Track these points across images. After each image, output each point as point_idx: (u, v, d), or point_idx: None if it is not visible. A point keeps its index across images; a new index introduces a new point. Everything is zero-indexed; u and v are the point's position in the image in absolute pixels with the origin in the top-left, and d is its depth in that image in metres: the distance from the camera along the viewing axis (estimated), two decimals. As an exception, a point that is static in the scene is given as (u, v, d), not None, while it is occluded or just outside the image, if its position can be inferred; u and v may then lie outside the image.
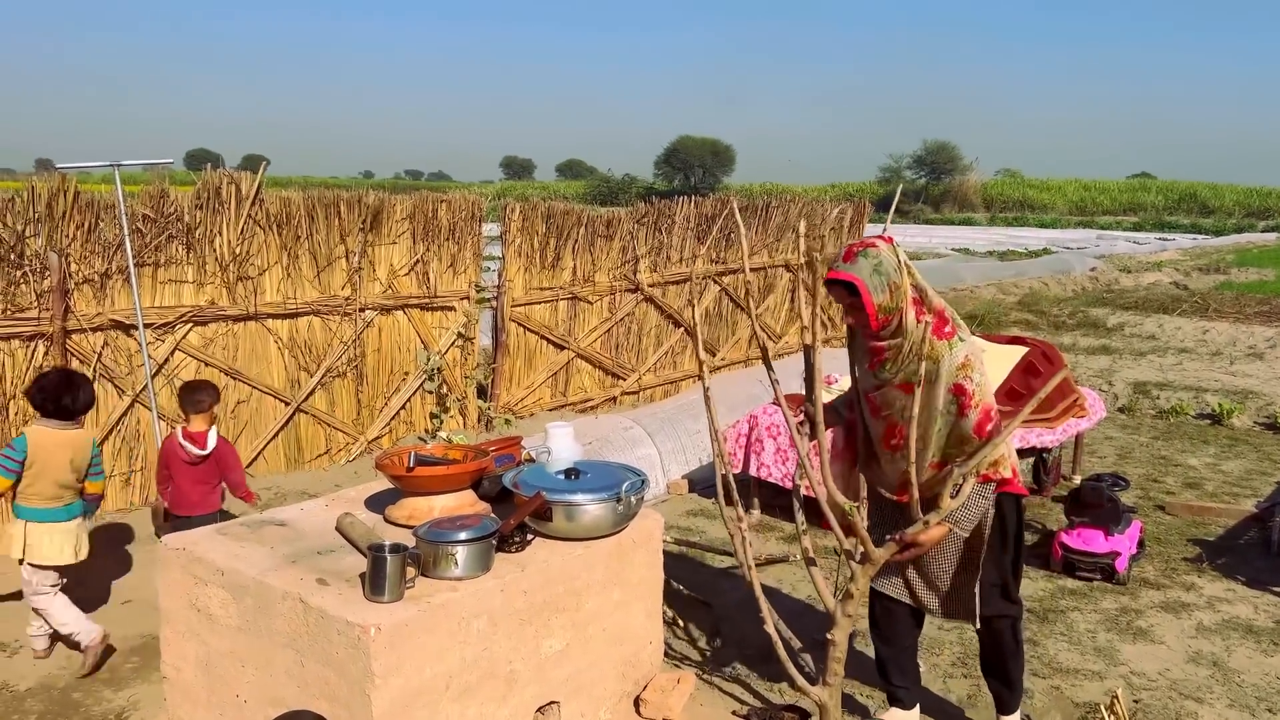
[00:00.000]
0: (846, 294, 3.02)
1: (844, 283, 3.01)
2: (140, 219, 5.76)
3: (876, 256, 3.00)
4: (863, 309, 3.01)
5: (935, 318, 3.03)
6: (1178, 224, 50.30)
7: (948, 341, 3.01)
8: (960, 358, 2.99)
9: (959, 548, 3.24)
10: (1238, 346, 12.32)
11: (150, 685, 3.81)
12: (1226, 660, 4.20)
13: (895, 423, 3.15)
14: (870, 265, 2.99)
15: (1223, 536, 5.77)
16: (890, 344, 3.06)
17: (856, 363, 3.29)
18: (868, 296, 2.98)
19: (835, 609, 3.14)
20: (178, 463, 4.50)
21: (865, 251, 3.00)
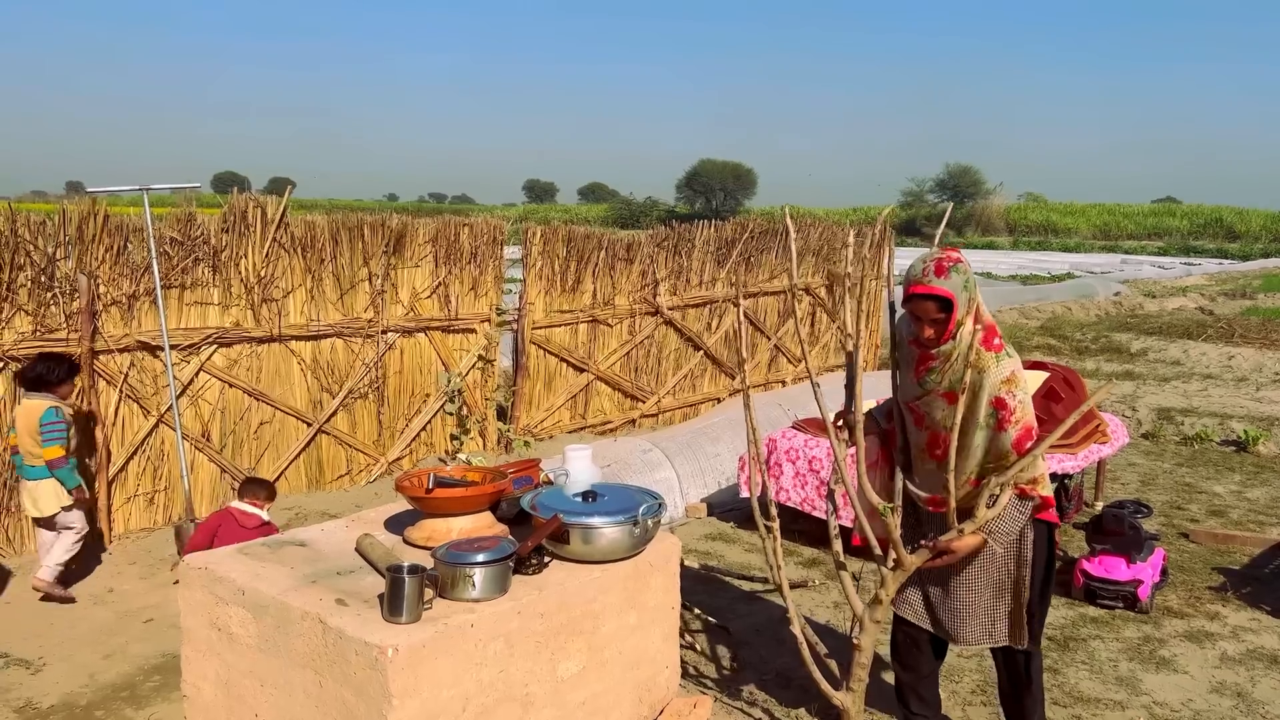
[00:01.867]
0: (937, 309, 3.02)
1: (937, 298, 3.01)
2: (168, 242, 5.86)
3: (965, 272, 3.03)
4: (946, 323, 3.02)
5: (985, 330, 3.05)
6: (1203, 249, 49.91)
7: (995, 354, 3.01)
8: (1006, 372, 2.99)
9: (989, 572, 3.21)
10: (1264, 373, 12.19)
11: (171, 704, 3.84)
12: (1251, 691, 4.14)
13: (938, 433, 3.14)
14: (961, 281, 3.00)
15: (1248, 565, 5.70)
16: (940, 351, 3.07)
17: (901, 372, 3.29)
18: (956, 312, 2.99)
19: (863, 614, 3.14)
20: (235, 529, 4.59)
21: (956, 266, 3.01)
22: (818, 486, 5.72)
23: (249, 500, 4.89)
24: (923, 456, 3.26)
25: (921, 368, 3.14)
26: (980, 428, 3.03)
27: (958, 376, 3.02)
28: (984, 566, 3.20)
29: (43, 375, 4.95)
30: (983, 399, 2.99)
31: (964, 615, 3.28)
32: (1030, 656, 3.30)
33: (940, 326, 3.04)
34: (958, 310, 2.99)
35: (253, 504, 4.88)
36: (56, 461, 4.88)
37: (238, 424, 6.29)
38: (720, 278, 9.27)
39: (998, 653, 3.38)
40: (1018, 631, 3.23)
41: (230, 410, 6.26)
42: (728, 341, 9.51)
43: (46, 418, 4.86)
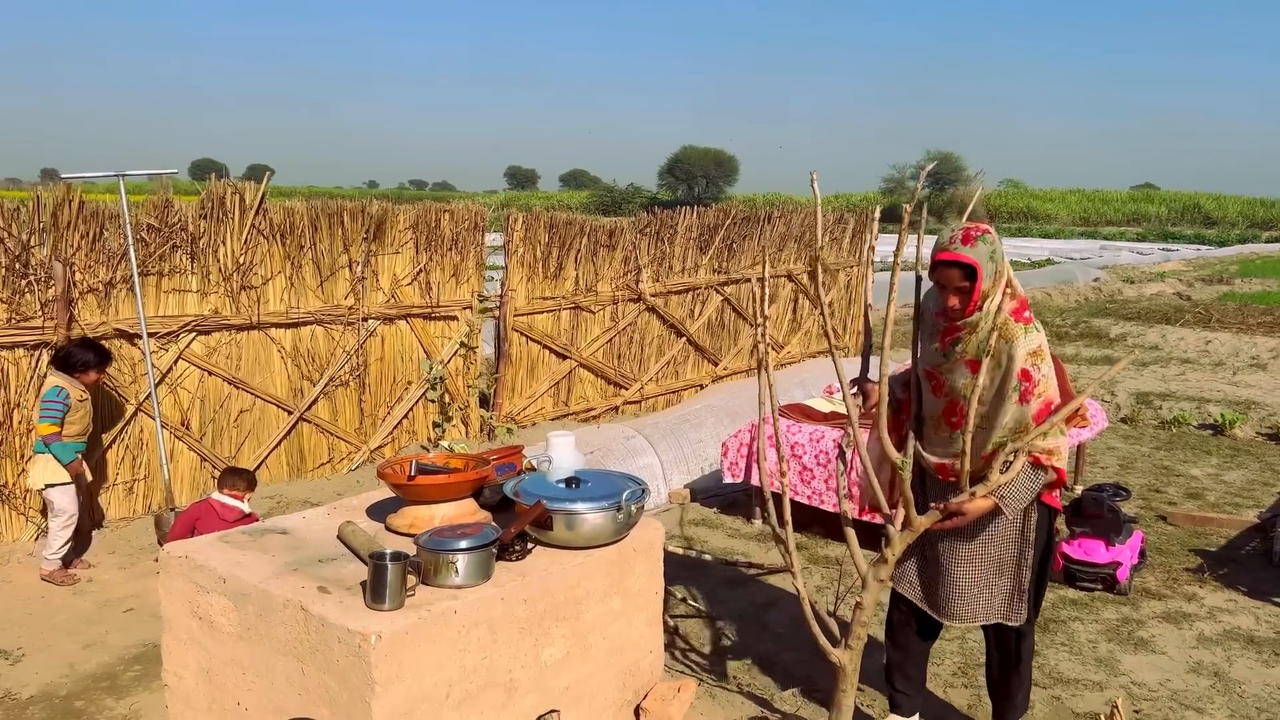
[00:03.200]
0: (961, 276, 3.03)
1: (961, 265, 3.03)
2: (145, 229, 5.79)
3: (992, 243, 3.05)
4: (970, 292, 3.03)
5: (1016, 303, 3.08)
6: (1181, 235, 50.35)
7: (1024, 325, 3.03)
8: (1033, 344, 3.01)
9: (992, 548, 3.23)
10: (1240, 357, 12.32)
11: (152, 693, 3.82)
12: (1228, 671, 4.20)
13: (957, 401, 3.14)
14: (988, 250, 3.03)
15: (1224, 547, 5.76)
16: (967, 322, 3.08)
17: (923, 341, 3.29)
18: (981, 281, 3.01)
19: (868, 573, 3.16)
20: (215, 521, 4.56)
21: (984, 236, 3.04)
22: (800, 472, 5.74)
23: (229, 492, 4.86)
24: (938, 424, 3.25)
25: (948, 338, 3.16)
26: (1004, 399, 3.04)
27: (984, 346, 3.03)
28: (987, 543, 3.23)
29: (68, 356, 5.12)
30: (1010, 369, 3.01)
31: (961, 591, 3.29)
32: (1022, 637, 3.32)
33: (965, 296, 3.05)
34: (982, 279, 3.01)
35: (232, 495, 4.85)
36: (49, 437, 4.98)
37: (217, 412, 6.25)
38: (703, 264, 9.27)
39: (990, 632, 3.40)
40: (1014, 608, 3.26)
41: (210, 398, 6.21)
42: (710, 328, 9.51)
43: (48, 395, 5.01)
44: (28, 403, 5.37)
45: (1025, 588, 3.23)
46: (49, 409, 4.98)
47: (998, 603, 3.26)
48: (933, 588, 3.38)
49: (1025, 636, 3.33)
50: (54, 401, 4.98)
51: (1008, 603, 3.26)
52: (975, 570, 3.26)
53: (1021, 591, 3.24)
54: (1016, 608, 3.25)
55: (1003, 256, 3.08)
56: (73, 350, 5.14)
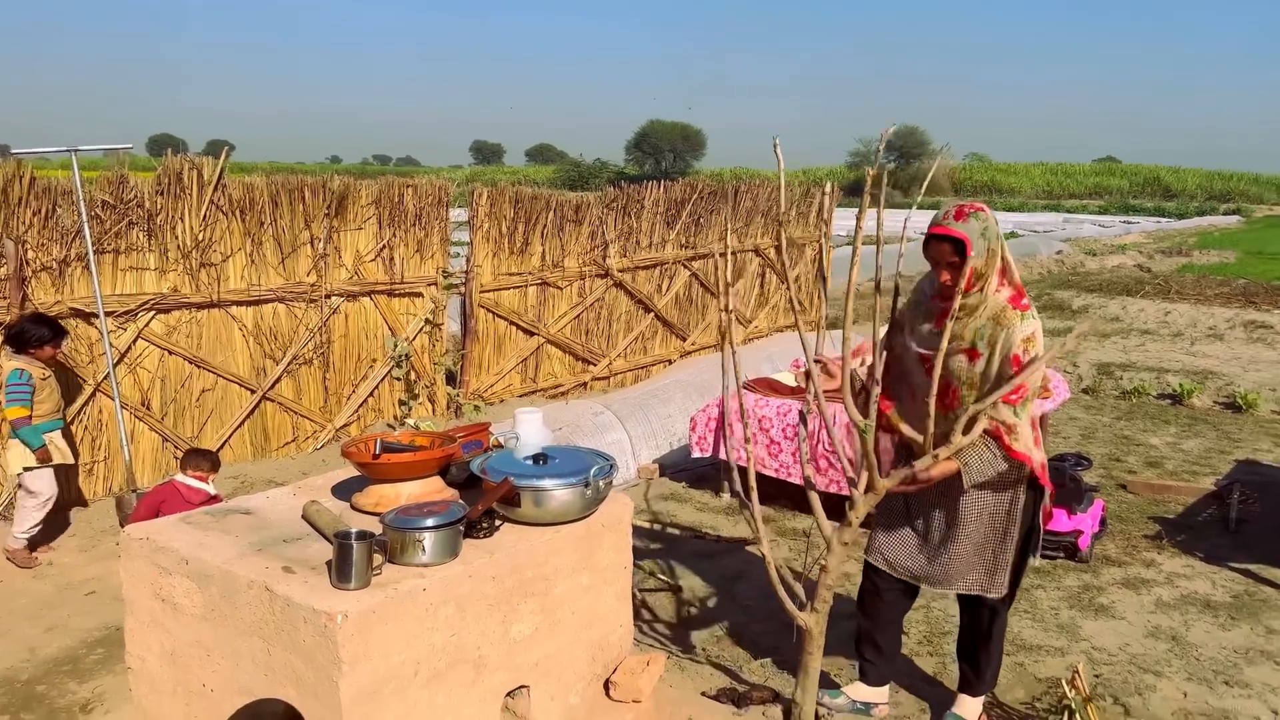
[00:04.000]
0: (951, 251, 3.05)
1: (952, 240, 3.05)
2: (99, 205, 5.67)
3: (985, 220, 3.07)
4: (960, 267, 3.04)
5: (1014, 290, 3.10)
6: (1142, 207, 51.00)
7: (1020, 312, 3.06)
8: (1027, 331, 3.04)
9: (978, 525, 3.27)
10: (1198, 328, 12.52)
11: (116, 676, 3.77)
12: (1185, 634, 4.29)
13: (950, 383, 3.16)
14: (980, 227, 3.04)
15: (1182, 514, 5.88)
16: (964, 304, 3.10)
17: (917, 321, 3.28)
18: (971, 256, 3.02)
19: (832, 537, 3.19)
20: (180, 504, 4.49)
21: (977, 214, 3.06)
22: (767, 445, 5.77)
23: (192, 473, 4.79)
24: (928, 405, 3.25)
25: (944, 319, 3.15)
26: (1000, 383, 3.06)
27: (983, 332, 3.06)
28: (976, 515, 3.26)
29: (22, 334, 4.98)
30: (1004, 353, 3.04)
31: (944, 560, 3.33)
32: (995, 615, 3.35)
33: (955, 271, 3.06)
34: (971, 254, 3.02)
35: (196, 477, 4.78)
36: (18, 422, 4.90)
37: (179, 392, 6.15)
38: (670, 239, 9.24)
39: (964, 606, 3.45)
40: (994, 581, 3.29)
41: (171, 378, 6.11)
42: (678, 303, 9.50)
43: (10, 379, 4.90)
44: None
45: (1006, 564, 3.27)
46: (15, 393, 4.87)
47: (979, 574, 3.30)
48: (914, 553, 3.41)
49: (998, 614, 3.37)
50: (17, 385, 4.88)
51: (988, 575, 3.29)
52: (959, 540, 3.29)
53: (1003, 566, 3.28)
54: (997, 581, 3.29)
55: (997, 238, 3.09)
56: (26, 327, 5.01)
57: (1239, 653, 4.12)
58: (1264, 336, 11.81)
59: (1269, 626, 4.37)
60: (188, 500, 4.58)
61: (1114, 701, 3.70)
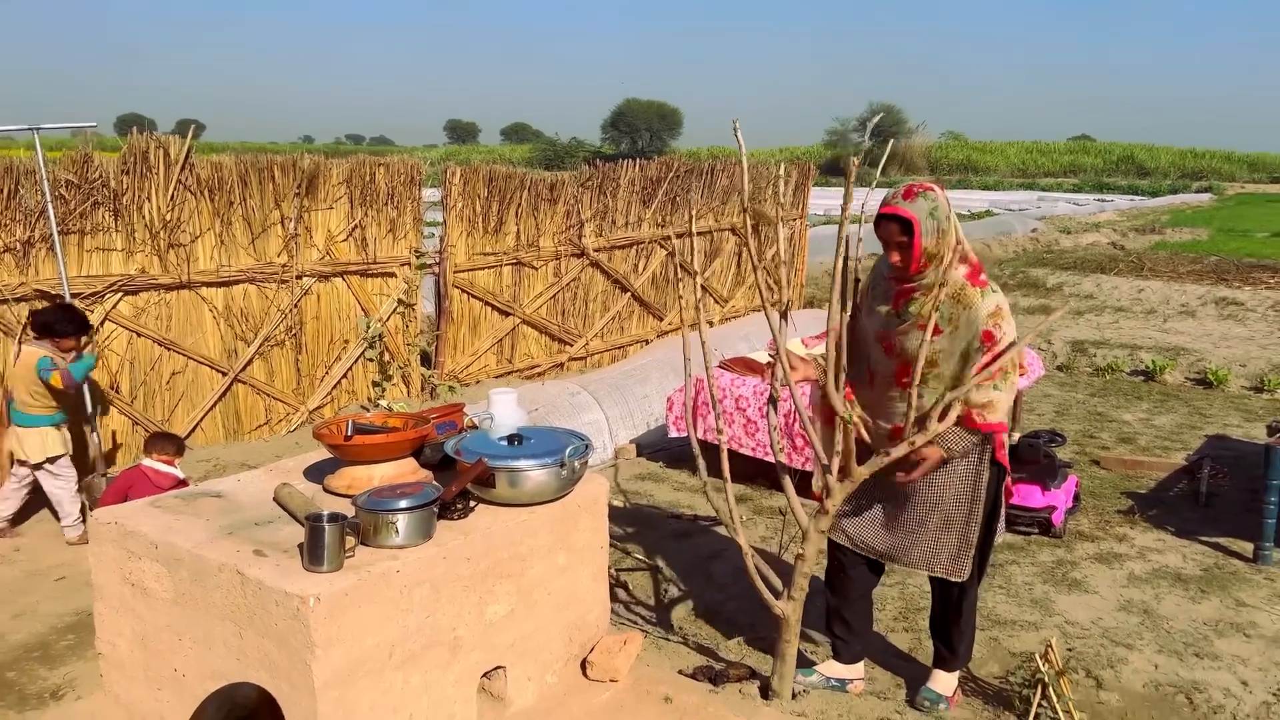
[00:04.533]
0: (899, 231, 3.05)
1: (899, 219, 3.04)
2: (63, 185, 5.56)
3: (934, 200, 3.06)
4: (910, 248, 3.04)
5: (970, 268, 3.10)
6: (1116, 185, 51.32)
7: (981, 289, 3.07)
8: (992, 305, 3.05)
9: (941, 504, 3.28)
10: (1171, 305, 12.64)
11: (86, 662, 3.73)
12: (1156, 608, 4.34)
13: (908, 362, 3.16)
14: (928, 207, 3.04)
15: (1154, 489, 5.94)
16: (921, 285, 3.10)
17: (874, 303, 3.28)
18: (919, 237, 3.02)
19: (809, 525, 3.20)
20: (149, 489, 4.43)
21: (925, 194, 3.07)
22: (745, 424, 5.77)
23: (159, 457, 4.74)
24: (889, 384, 3.26)
25: (901, 300, 3.17)
26: (968, 361, 3.08)
27: (944, 313, 3.06)
28: (939, 497, 3.27)
29: (50, 324, 4.95)
30: (972, 332, 3.05)
31: (909, 539, 3.35)
32: (964, 592, 3.37)
33: (904, 251, 3.06)
34: (920, 235, 3.02)
35: (163, 460, 4.73)
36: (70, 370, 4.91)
37: (149, 374, 6.07)
38: (646, 218, 9.20)
39: (934, 584, 3.47)
40: (958, 564, 3.31)
41: (140, 360, 6.03)
42: (655, 283, 9.47)
43: (42, 364, 4.85)
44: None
45: (971, 545, 3.28)
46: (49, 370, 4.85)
47: (943, 557, 3.32)
48: (878, 531, 3.42)
49: (967, 591, 3.38)
50: (49, 369, 4.85)
51: (953, 559, 3.31)
52: (924, 521, 3.31)
53: (967, 548, 3.29)
54: (961, 563, 3.30)
55: (948, 217, 3.08)
56: (54, 320, 4.98)
57: (1209, 625, 4.18)
58: (1235, 313, 11.94)
59: (1238, 599, 4.43)
60: (157, 484, 4.53)
61: (1086, 674, 3.74)
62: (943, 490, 3.27)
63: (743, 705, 3.34)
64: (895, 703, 3.53)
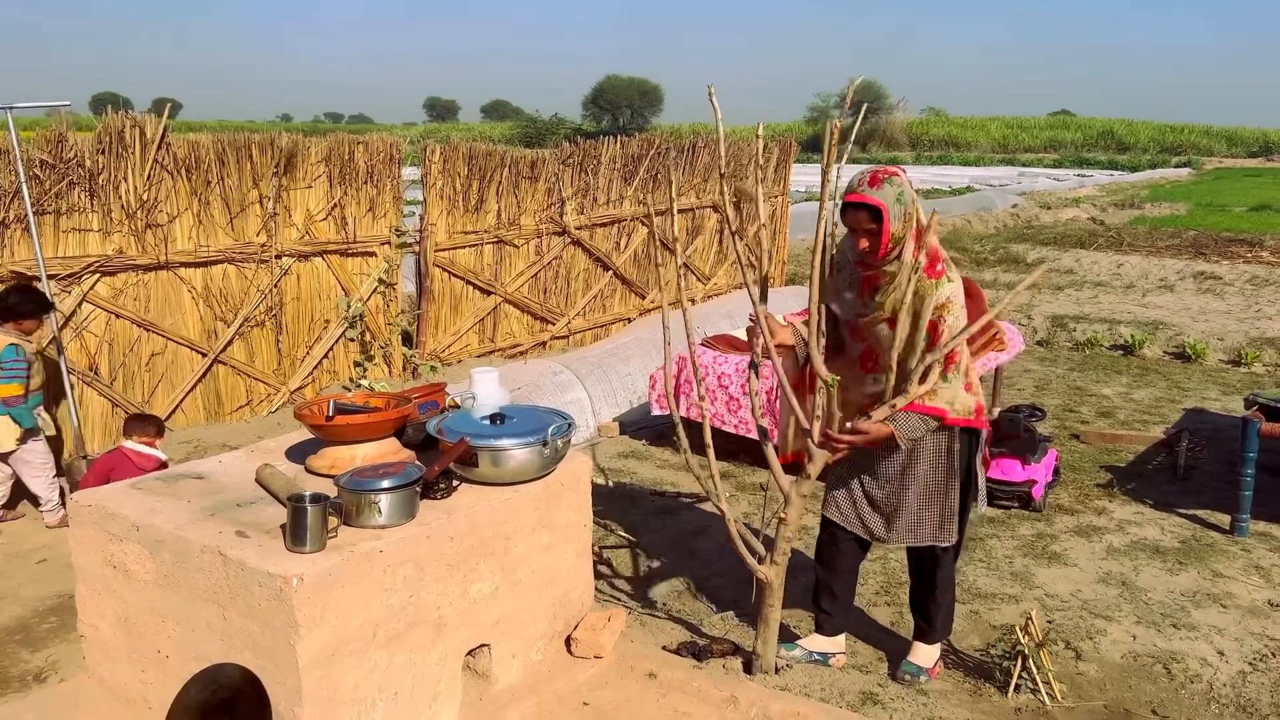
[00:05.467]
0: (868, 219, 3.07)
1: (868, 207, 3.06)
2: (38, 165, 5.48)
3: (900, 185, 3.09)
4: (879, 235, 3.07)
5: (928, 258, 3.09)
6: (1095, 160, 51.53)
7: (935, 280, 3.08)
8: (942, 298, 3.07)
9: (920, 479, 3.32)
10: (1149, 279, 12.73)
11: (69, 644, 3.72)
12: (1134, 580, 4.39)
13: (873, 348, 3.23)
14: (895, 193, 3.06)
15: (1133, 462, 6.00)
16: (885, 272, 3.13)
17: (841, 290, 3.31)
18: (888, 224, 3.04)
19: (790, 490, 3.23)
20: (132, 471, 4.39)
21: (891, 179, 3.08)
22: (727, 402, 5.78)
23: (140, 439, 4.70)
24: (854, 367, 3.34)
25: (868, 288, 3.20)
26: (914, 347, 3.10)
27: (899, 301, 3.08)
28: (917, 469, 3.32)
29: (11, 308, 4.80)
30: (920, 322, 3.07)
31: (894, 514, 3.39)
32: (939, 564, 3.42)
33: (873, 238, 3.09)
34: (889, 221, 3.04)
35: (144, 442, 4.70)
36: (12, 400, 4.75)
37: (128, 356, 6.02)
38: (628, 196, 9.16)
39: (910, 558, 3.52)
40: (943, 531, 3.36)
41: (119, 342, 5.97)
42: (637, 261, 9.45)
43: (6, 355, 4.71)
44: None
45: (954, 511, 3.34)
46: (12, 369, 4.71)
47: (930, 526, 3.36)
48: (866, 511, 3.46)
49: (941, 563, 3.43)
50: (14, 362, 4.71)
51: (938, 525, 3.36)
52: (908, 495, 3.35)
53: (951, 515, 3.35)
54: (947, 530, 3.36)
55: (913, 201, 3.11)
56: (10, 301, 4.82)
57: (1186, 596, 4.23)
58: (1213, 287, 12.04)
59: (1215, 570, 4.49)
60: (139, 467, 4.50)
61: (1066, 646, 3.78)
62: (918, 463, 3.32)
63: (726, 680, 3.37)
64: (877, 676, 3.57)
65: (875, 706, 3.34)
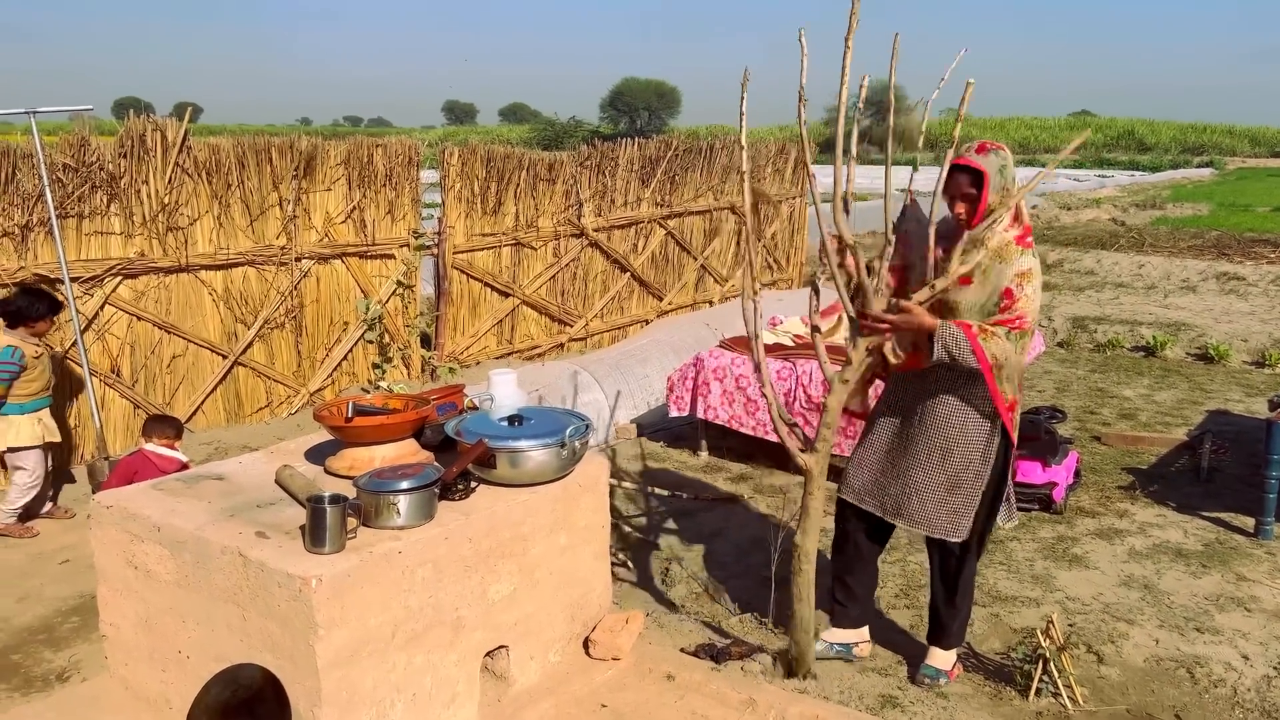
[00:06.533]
0: (969, 183, 3.14)
1: (971, 171, 3.12)
2: (60, 168, 5.54)
3: (1005, 159, 3.18)
4: (978, 200, 3.13)
5: (1022, 230, 3.17)
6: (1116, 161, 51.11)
7: (1020, 248, 3.14)
8: (1023, 266, 3.11)
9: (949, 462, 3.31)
10: (1171, 280, 12.61)
11: (91, 644, 3.75)
12: (1157, 583, 4.35)
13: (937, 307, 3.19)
14: (999, 164, 3.14)
15: (1155, 465, 5.95)
16: (974, 238, 3.15)
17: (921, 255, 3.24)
18: (987, 191, 3.11)
19: (832, 377, 3.22)
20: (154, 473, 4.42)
21: (997, 151, 3.17)
22: (745, 404, 5.77)
23: (161, 441, 4.72)
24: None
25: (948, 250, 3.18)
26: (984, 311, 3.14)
27: (983, 265, 3.12)
28: (948, 454, 3.30)
29: (19, 310, 4.83)
30: (996, 285, 3.11)
31: (914, 494, 3.37)
32: (961, 566, 3.41)
33: (971, 204, 3.15)
34: (989, 190, 3.10)
35: (165, 444, 4.71)
36: None
37: (149, 358, 6.07)
38: (645, 197, 9.16)
39: (933, 558, 3.49)
40: (958, 525, 3.33)
41: (140, 344, 6.02)
42: (654, 263, 9.45)
43: (3, 355, 4.74)
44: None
45: (973, 507, 3.31)
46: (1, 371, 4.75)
47: (945, 517, 3.33)
48: (885, 485, 3.45)
49: (964, 564, 3.41)
50: (7, 363, 4.74)
51: (952, 518, 3.32)
52: (932, 478, 3.33)
53: (969, 509, 3.31)
54: (960, 524, 3.32)
55: (1013, 179, 3.17)
56: (21, 302, 4.85)
57: (1210, 599, 4.19)
58: (1236, 288, 11.92)
59: (1239, 573, 4.44)
60: (161, 469, 4.53)
61: (1087, 650, 3.75)
62: (953, 445, 3.29)
63: (745, 682, 3.35)
64: (896, 679, 3.55)
65: (895, 710, 3.32)
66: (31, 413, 4.91)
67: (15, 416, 4.86)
